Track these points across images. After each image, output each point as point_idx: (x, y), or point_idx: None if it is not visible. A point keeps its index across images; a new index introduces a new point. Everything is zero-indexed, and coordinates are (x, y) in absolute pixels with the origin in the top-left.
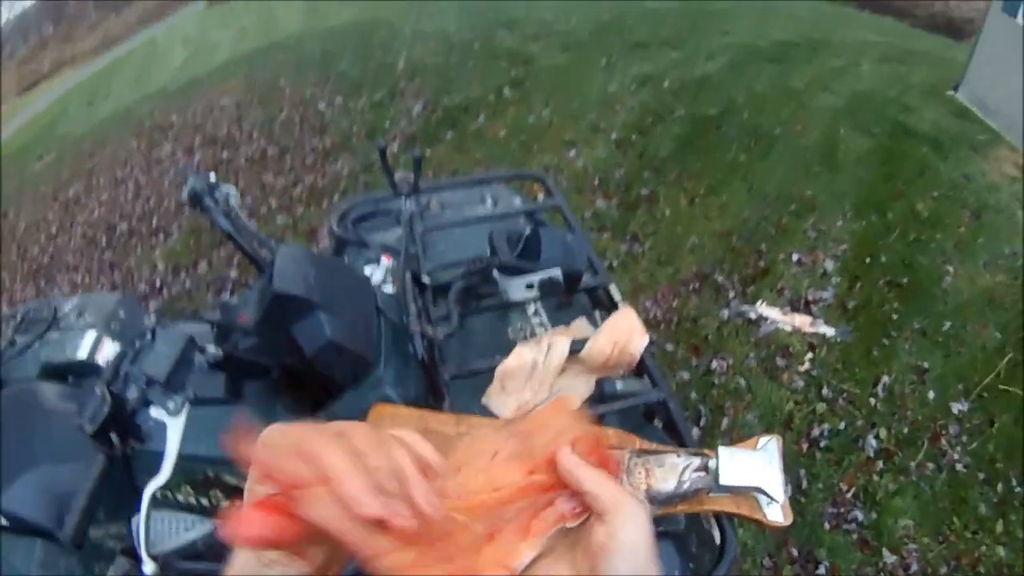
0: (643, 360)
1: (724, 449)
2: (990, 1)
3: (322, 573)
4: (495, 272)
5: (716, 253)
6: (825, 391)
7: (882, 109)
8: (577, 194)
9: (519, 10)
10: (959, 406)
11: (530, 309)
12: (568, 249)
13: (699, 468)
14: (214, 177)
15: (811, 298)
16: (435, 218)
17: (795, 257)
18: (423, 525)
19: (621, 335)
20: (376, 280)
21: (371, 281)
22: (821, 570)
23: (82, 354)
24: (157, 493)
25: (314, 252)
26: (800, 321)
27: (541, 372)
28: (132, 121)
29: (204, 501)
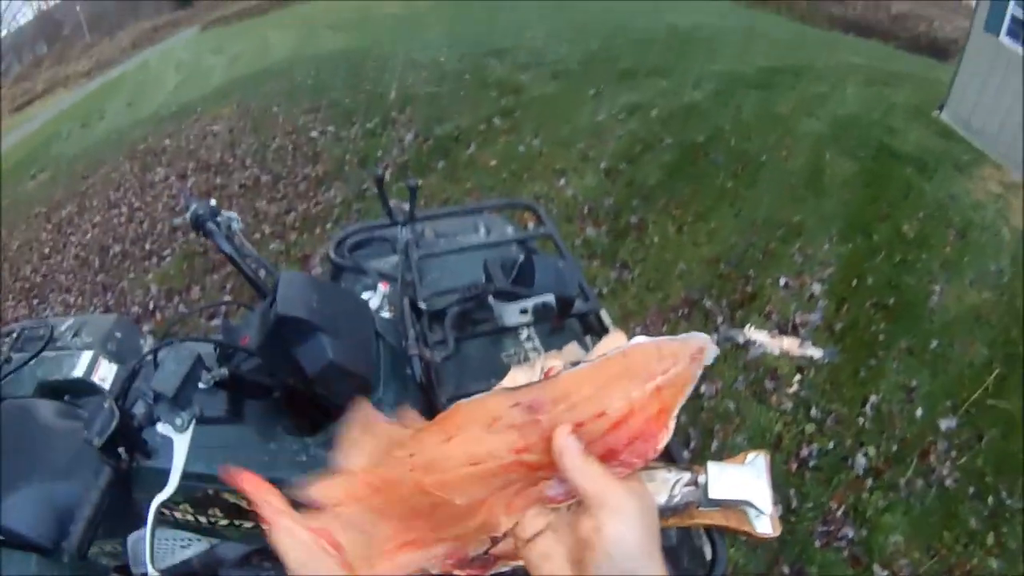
0: None
1: (713, 464)
2: (973, 21)
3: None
4: (490, 298)
5: (704, 279)
6: (813, 412)
7: (867, 132)
8: (567, 222)
9: (509, 40)
10: (947, 422)
11: (523, 334)
12: (560, 276)
13: (689, 483)
14: (214, 203)
15: (799, 321)
16: (430, 246)
17: (782, 281)
18: (398, 503)
19: None
20: (373, 306)
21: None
22: None
23: (78, 373)
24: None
25: (315, 277)
26: (788, 344)
27: None
28: (125, 144)
29: (202, 519)
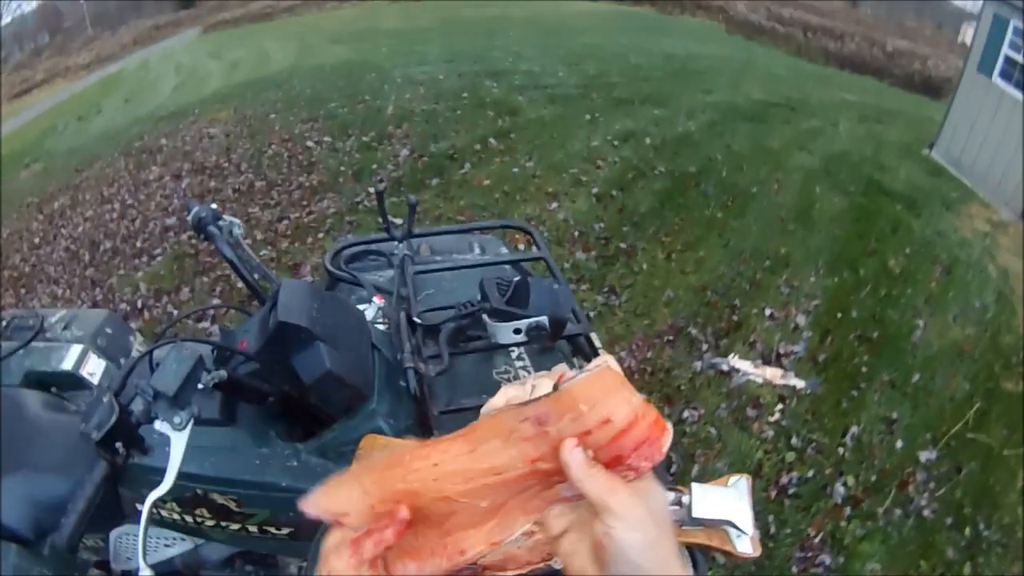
0: None
1: (697, 486)
2: (966, 61)
3: None
4: (485, 316)
5: (691, 307)
6: (794, 440)
7: (857, 168)
8: (558, 245)
9: (507, 62)
10: (927, 454)
11: (514, 353)
12: (554, 298)
13: (673, 502)
14: (215, 206)
15: (783, 351)
16: (426, 262)
17: (768, 312)
18: (423, 511)
19: None
20: (368, 318)
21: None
22: None
23: (67, 366)
24: (140, 508)
25: (316, 287)
26: (771, 373)
27: None
28: (121, 141)
29: (189, 519)
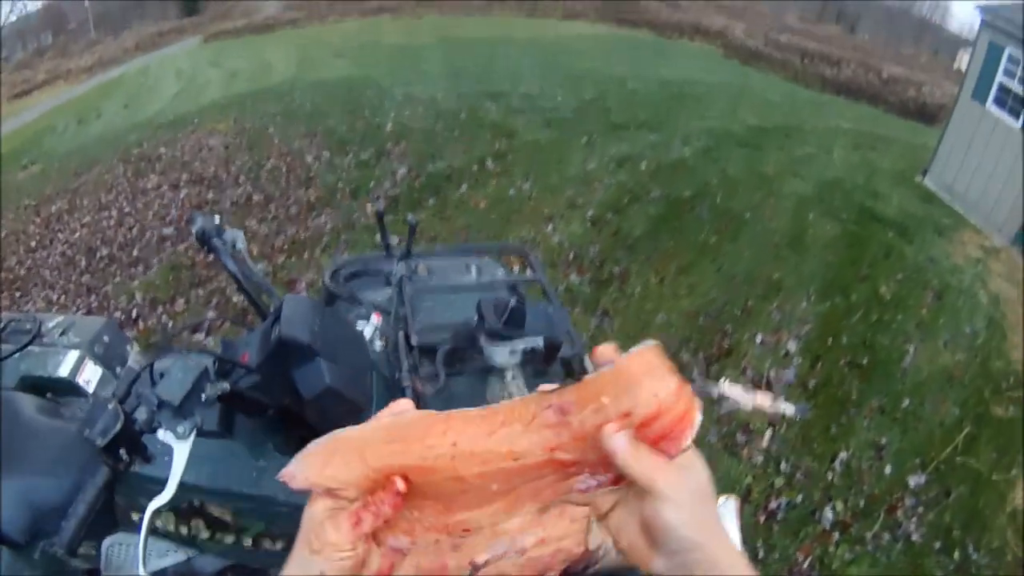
0: None
1: None
2: (960, 88)
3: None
4: (482, 337)
5: (683, 331)
6: (783, 466)
7: (850, 195)
8: (552, 268)
9: (506, 83)
10: (916, 479)
11: (508, 375)
12: (550, 320)
13: None
14: (219, 219)
15: (773, 377)
16: (423, 282)
17: (759, 337)
18: (430, 487)
19: None
20: (367, 336)
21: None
22: None
23: (64, 372)
24: (135, 517)
25: (318, 304)
26: (761, 399)
27: None
28: (120, 146)
29: (184, 530)
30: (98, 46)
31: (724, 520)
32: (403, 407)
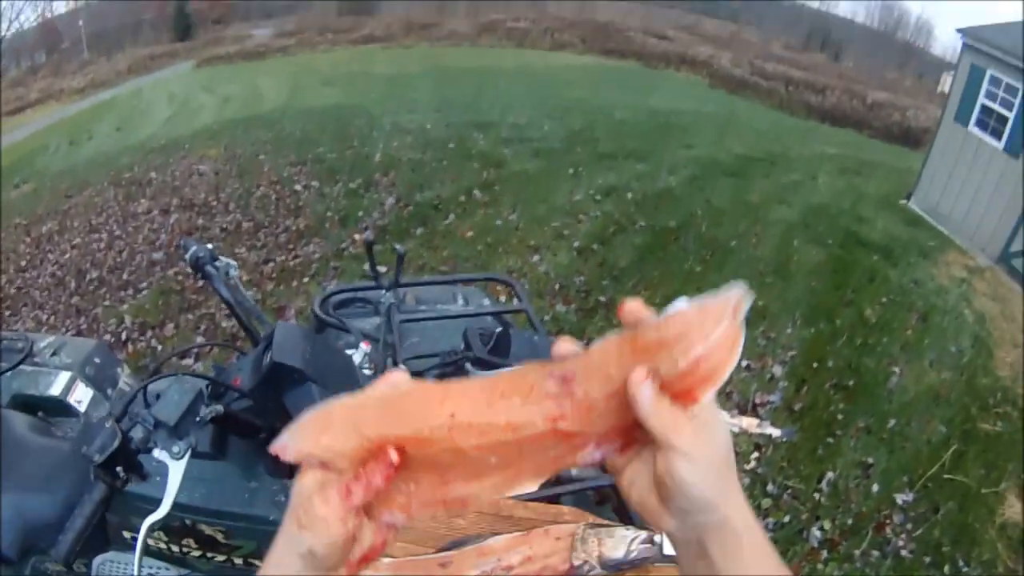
0: None
1: None
2: (944, 111)
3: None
4: (468, 365)
5: None
6: (770, 487)
7: (835, 220)
8: (538, 298)
9: (495, 114)
10: (904, 496)
11: None
12: (535, 348)
13: (646, 540)
14: (211, 247)
15: (758, 401)
16: (411, 310)
17: (744, 363)
18: (426, 459)
19: None
20: (356, 363)
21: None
22: None
23: (55, 392)
24: (127, 535)
25: (309, 331)
26: (747, 423)
27: None
28: (111, 169)
29: (175, 548)
30: (91, 67)
31: None
32: (398, 378)
